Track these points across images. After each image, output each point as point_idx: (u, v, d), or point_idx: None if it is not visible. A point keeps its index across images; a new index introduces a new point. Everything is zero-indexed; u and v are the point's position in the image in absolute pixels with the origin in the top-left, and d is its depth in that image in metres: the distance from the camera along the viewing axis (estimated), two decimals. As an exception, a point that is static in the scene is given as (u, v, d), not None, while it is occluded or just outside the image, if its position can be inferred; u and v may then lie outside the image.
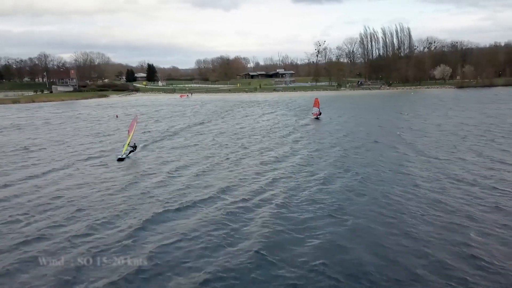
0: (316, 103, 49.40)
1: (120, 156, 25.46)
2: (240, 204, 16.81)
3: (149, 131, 40.57)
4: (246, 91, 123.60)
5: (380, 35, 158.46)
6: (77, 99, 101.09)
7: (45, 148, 31.64)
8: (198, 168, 23.35)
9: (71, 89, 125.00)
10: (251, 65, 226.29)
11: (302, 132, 37.90)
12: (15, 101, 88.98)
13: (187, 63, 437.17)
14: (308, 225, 14.44)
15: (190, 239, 13.29)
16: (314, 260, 11.62)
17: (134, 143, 27.42)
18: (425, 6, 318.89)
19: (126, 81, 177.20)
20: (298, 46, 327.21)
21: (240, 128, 42.34)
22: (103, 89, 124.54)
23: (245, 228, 14.31)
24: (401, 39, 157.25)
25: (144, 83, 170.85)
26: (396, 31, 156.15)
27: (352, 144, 30.40)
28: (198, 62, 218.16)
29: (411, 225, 14.10)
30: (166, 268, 11.42)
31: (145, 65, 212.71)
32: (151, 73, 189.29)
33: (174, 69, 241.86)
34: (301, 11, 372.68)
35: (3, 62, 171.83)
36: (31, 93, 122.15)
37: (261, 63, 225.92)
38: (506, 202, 16.09)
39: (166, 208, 16.46)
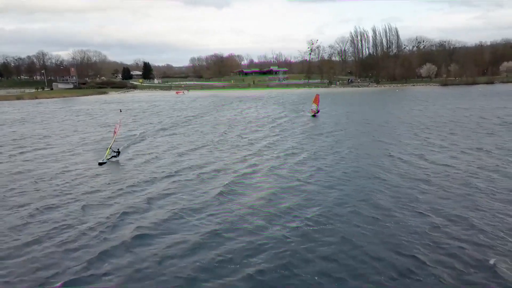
0: (316, 100, 45.33)
1: (101, 161, 23.67)
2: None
3: (151, 123, 45.27)
4: (240, 88, 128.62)
5: (370, 34, 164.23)
6: (78, 96, 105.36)
7: (60, 138, 36.24)
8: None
9: (71, 86, 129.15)
10: (245, 62, 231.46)
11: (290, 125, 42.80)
12: (18, 97, 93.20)
13: (181, 61, 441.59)
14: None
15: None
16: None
17: (118, 148, 25.30)
18: (418, 5, 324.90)
19: (122, 79, 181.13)
20: (292, 44, 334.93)
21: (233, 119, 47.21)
22: (102, 87, 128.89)
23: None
24: (389, 38, 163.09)
25: (140, 80, 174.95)
26: (385, 31, 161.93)
27: (317, 131, 35.43)
28: (192, 60, 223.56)
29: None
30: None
31: (140, 63, 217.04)
32: (147, 71, 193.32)
33: (169, 67, 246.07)
34: (295, 9, 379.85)
35: (1, 60, 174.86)
36: (30, 90, 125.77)
37: (255, 60, 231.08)
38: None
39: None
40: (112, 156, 24.27)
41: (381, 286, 9.97)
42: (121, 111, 61.06)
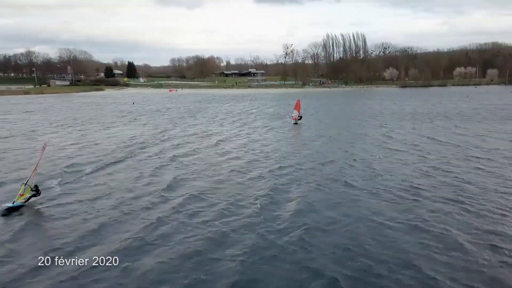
0: (298, 106, 42.87)
1: (9, 205, 15.23)
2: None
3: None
4: (225, 87, 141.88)
5: (340, 40, 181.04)
6: (77, 92, 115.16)
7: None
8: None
9: (67, 83, 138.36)
10: (223, 64, 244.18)
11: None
12: (26, 92, 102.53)
13: (154, 60, 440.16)
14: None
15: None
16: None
17: (36, 184, 16.23)
18: (384, 10, 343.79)
19: (105, 78, 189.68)
20: (264, 46, 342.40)
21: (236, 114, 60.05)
22: (96, 84, 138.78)
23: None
24: (357, 44, 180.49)
25: (125, 79, 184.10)
26: (354, 37, 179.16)
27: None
28: (173, 60, 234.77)
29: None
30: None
31: (119, 63, 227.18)
32: (131, 70, 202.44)
33: (146, 67, 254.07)
34: (264, 11, 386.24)
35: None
36: (24, 86, 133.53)
37: (232, 62, 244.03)
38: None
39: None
40: (32, 196, 15.89)
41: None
42: (134, 104, 72.71)
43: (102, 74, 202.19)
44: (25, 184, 15.62)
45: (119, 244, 12.12)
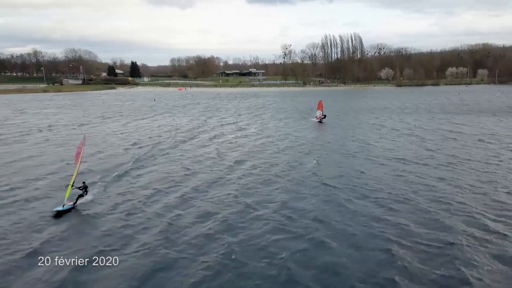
0: (320, 106, 44.36)
1: (59, 208, 15.02)
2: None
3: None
4: (230, 86, 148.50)
5: (338, 41, 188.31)
6: (91, 90, 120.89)
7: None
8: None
9: (80, 82, 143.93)
10: (221, 64, 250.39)
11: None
12: (44, 90, 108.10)
13: (147, 60, 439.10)
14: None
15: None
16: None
17: (84, 182, 16.55)
18: (376, 11, 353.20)
19: (110, 77, 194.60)
20: (259, 45, 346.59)
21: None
22: (107, 83, 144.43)
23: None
24: (354, 45, 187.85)
25: (130, 79, 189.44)
26: (351, 39, 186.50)
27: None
28: (173, 60, 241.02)
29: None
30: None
31: (118, 62, 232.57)
32: (134, 70, 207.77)
33: (144, 66, 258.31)
34: (256, 11, 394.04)
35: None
36: (32, 85, 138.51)
37: (230, 62, 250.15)
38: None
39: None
40: (79, 196, 16.01)
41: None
42: (155, 100, 78.79)
43: (104, 74, 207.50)
44: (71, 185, 15.50)
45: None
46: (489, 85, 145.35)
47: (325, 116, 44.29)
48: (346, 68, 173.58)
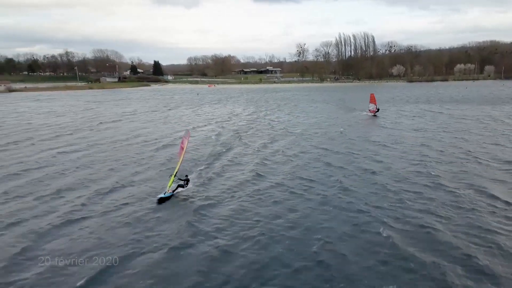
0: (372, 99, 43.63)
1: (162, 195, 15.82)
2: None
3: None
4: (253, 83, 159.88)
5: (352, 40, 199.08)
6: (128, 88, 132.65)
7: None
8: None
9: (116, 80, 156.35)
10: (235, 62, 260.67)
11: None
12: (90, 87, 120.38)
13: (159, 59, 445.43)
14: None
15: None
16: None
17: (186, 175, 17.38)
18: (380, 8, 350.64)
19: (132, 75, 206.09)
20: (267, 44, 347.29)
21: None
22: (140, 80, 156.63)
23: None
24: (367, 43, 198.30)
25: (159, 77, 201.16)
26: (364, 38, 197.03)
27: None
28: (190, 59, 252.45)
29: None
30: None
31: (135, 61, 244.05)
32: (157, 69, 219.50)
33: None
34: (263, 10, 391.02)
35: (30, 58, 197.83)
36: (66, 83, 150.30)
37: (241, 60, 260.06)
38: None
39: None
40: (178, 187, 16.64)
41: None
42: (198, 95, 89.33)
43: (126, 72, 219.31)
44: (174, 175, 16.22)
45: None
46: (495, 80, 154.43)
47: (378, 109, 43.63)
48: (359, 65, 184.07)
